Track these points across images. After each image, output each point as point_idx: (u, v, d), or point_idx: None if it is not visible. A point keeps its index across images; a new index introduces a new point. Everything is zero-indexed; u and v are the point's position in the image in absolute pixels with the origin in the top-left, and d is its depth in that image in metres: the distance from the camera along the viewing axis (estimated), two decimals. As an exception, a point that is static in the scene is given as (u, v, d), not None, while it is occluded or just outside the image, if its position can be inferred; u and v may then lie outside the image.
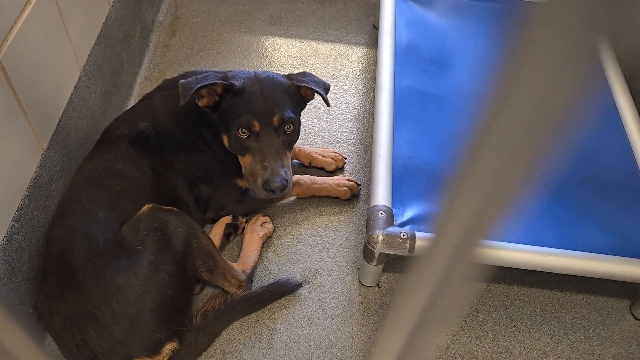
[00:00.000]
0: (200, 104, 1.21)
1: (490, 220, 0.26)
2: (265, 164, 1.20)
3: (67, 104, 1.29)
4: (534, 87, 0.21)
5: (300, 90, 1.27)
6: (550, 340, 1.30)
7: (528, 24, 0.20)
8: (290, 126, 1.22)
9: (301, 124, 1.67)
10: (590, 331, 1.32)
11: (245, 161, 1.25)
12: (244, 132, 1.20)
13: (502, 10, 1.84)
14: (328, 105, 1.28)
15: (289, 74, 1.31)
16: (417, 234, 1.20)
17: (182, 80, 1.18)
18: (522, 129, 0.22)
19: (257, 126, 1.19)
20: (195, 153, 1.31)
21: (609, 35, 0.19)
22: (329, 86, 1.32)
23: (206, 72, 1.32)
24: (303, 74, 1.31)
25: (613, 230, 1.29)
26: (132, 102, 1.67)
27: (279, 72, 1.33)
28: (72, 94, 1.31)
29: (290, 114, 1.22)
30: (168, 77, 1.42)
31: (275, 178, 1.19)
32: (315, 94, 1.30)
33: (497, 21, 1.79)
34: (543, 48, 0.20)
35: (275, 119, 1.20)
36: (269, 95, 1.21)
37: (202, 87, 1.16)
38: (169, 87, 1.33)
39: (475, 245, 0.28)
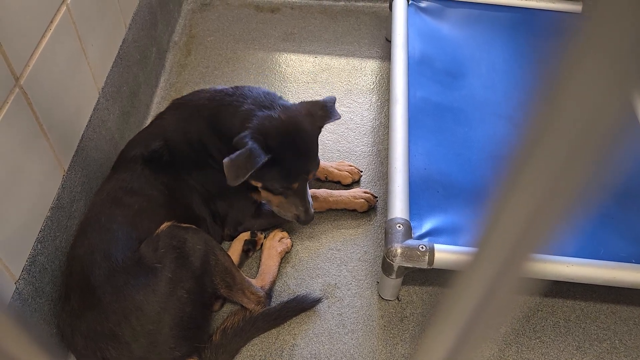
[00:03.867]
0: None
1: (538, 235, 0.26)
2: (301, 207, 1.28)
3: (86, 126, 1.31)
4: (581, 104, 0.21)
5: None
6: (576, 352, 1.27)
7: (572, 46, 0.20)
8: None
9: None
10: (617, 341, 1.29)
11: (275, 200, 1.30)
12: (282, 189, 1.26)
13: (515, 20, 1.83)
14: (338, 118, 1.28)
15: (309, 111, 1.26)
16: (436, 246, 1.19)
17: (228, 161, 1.13)
18: (568, 147, 0.22)
19: (295, 187, 1.26)
20: (208, 170, 1.32)
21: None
22: (335, 99, 1.31)
23: (219, 91, 1.31)
24: (320, 106, 1.27)
25: (636, 238, 1.27)
26: (149, 122, 1.69)
27: (299, 108, 1.27)
28: (91, 116, 1.34)
29: (318, 163, 1.30)
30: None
31: (307, 217, 1.29)
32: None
33: (510, 30, 1.79)
34: (589, 68, 0.20)
35: (310, 176, 1.28)
36: (305, 153, 1.24)
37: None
38: (178, 107, 1.35)
39: (523, 260, 0.28)
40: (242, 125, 1.20)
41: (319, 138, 1.30)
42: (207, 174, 1.33)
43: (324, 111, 1.27)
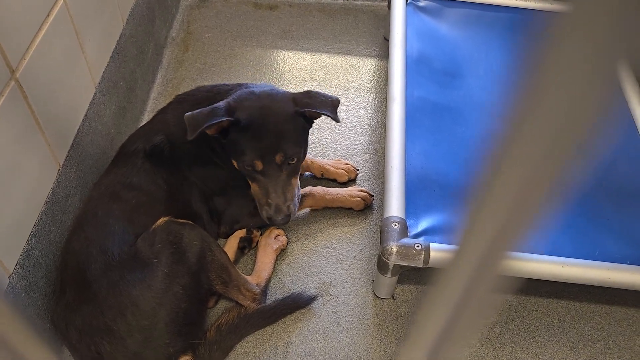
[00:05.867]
0: (208, 132, 1.21)
1: (516, 232, 0.26)
2: (269, 200, 1.23)
3: (82, 120, 1.31)
4: (558, 100, 0.21)
5: (305, 114, 1.25)
6: (570, 352, 1.27)
7: (551, 39, 0.20)
8: (294, 159, 1.23)
9: (314, 136, 1.68)
10: (610, 342, 1.29)
11: (253, 188, 1.28)
12: (249, 167, 1.22)
13: (513, 20, 1.84)
14: (337, 121, 1.25)
15: (293, 96, 1.26)
16: (432, 245, 1.19)
17: (189, 114, 1.18)
18: (546, 143, 0.22)
19: (259, 165, 1.21)
20: (209, 166, 1.32)
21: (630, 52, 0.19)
22: (338, 101, 1.27)
23: (216, 85, 1.33)
24: (308, 94, 1.26)
25: (631, 239, 1.27)
26: (146, 118, 1.69)
27: (285, 90, 1.30)
28: (87, 111, 1.33)
29: (293, 148, 1.21)
30: (181, 92, 1.44)
31: (279, 215, 1.24)
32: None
33: (509, 31, 1.79)
34: (567, 61, 0.20)
35: (278, 157, 1.20)
36: (274, 129, 1.20)
37: (209, 125, 1.16)
38: (181, 102, 1.35)
39: (500, 258, 0.28)
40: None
41: (307, 130, 1.29)
42: (207, 170, 1.33)
43: (310, 99, 1.25)
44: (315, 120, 1.30)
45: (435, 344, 0.34)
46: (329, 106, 1.25)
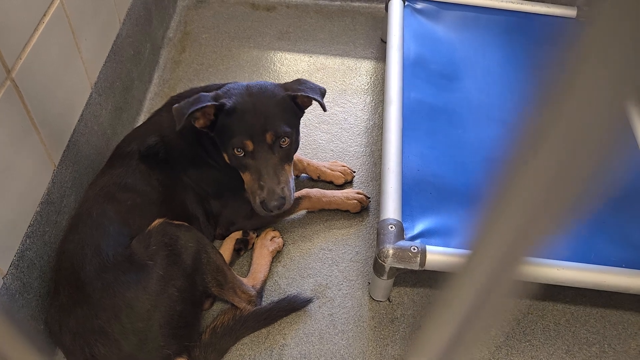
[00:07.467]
0: (197, 125, 1.22)
1: (533, 238, 0.26)
2: (262, 183, 1.21)
3: (78, 121, 1.30)
4: (578, 112, 0.21)
5: (296, 100, 1.26)
6: (565, 356, 1.27)
7: (573, 53, 0.20)
8: (285, 139, 1.22)
9: (310, 138, 1.68)
10: (606, 346, 1.30)
11: (246, 178, 1.26)
12: (240, 151, 1.21)
13: (509, 23, 1.84)
14: (325, 110, 1.27)
15: (284, 84, 1.29)
16: (428, 247, 1.19)
17: (176, 105, 1.20)
18: (564, 154, 0.22)
19: (250, 145, 1.20)
20: (204, 167, 1.32)
21: None
22: (325, 90, 1.31)
23: (207, 85, 1.34)
24: (298, 81, 1.30)
25: (627, 243, 1.27)
26: (142, 118, 1.68)
27: (272, 82, 1.32)
28: (83, 111, 1.32)
29: (284, 128, 1.21)
30: (176, 93, 1.44)
31: (272, 197, 1.21)
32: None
33: (505, 34, 1.79)
34: (588, 75, 0.20)
35: (269, 136, 1.20)
36: (262, 110, 1.20)
37: (194, 111, 1.17)
38: (175, 103, 1.34)
39: (516, 264, 0.28)
40: None
41: (299, 116, 1.30)
42: (202, 172, 1.32)
43: (300, 85, 1.28)
44: (305, 110, 1.31)
45: (443, 352, 0.34)
46: (318, 93, 1.28)
